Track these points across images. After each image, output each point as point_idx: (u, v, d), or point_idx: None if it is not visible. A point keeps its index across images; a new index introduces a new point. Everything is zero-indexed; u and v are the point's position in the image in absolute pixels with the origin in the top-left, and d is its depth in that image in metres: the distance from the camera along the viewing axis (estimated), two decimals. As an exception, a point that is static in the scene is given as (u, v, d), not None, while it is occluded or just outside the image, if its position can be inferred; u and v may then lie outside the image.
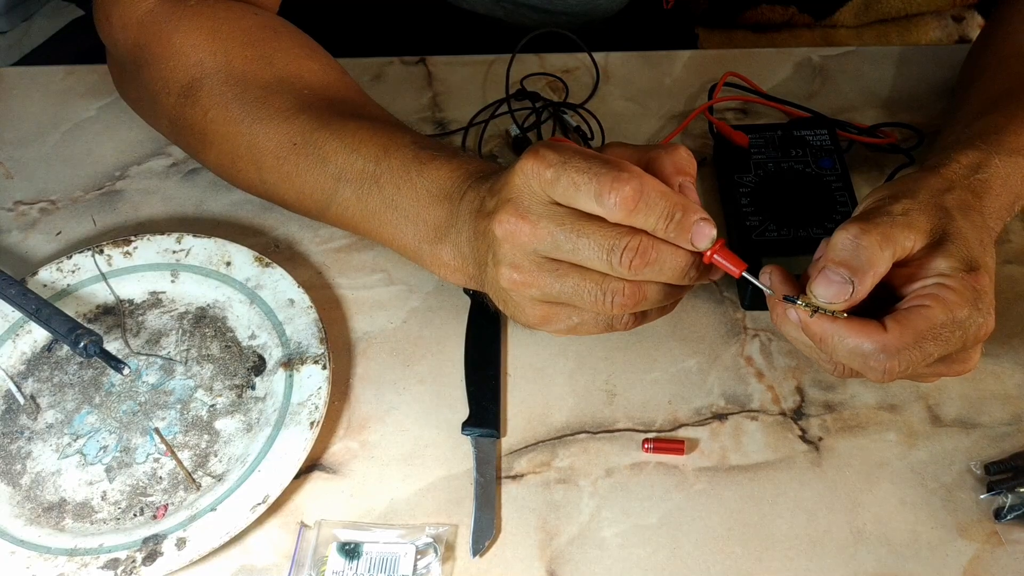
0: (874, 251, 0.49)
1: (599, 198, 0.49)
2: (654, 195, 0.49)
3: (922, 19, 0.96)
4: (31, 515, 0.59)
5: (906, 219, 0.51)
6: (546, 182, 0.50)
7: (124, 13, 0.68)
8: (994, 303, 0.51)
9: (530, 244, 0.51)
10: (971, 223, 0.53)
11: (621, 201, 0.48)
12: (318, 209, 0.65)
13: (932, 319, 0.49)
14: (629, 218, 0.49)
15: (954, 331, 0.49)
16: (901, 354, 0.49)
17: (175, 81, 0.66)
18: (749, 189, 0.70)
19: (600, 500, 0.59)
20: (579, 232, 0.50)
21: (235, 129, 0.65)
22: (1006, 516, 0.56)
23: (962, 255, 0.51)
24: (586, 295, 0.51)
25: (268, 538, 0.58)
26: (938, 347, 0.49)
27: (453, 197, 0.58)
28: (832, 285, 0.49)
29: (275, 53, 0.67)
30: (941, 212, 0.52)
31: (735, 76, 0.78)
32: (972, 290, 0.50)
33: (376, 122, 0.64)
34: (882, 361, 0.49)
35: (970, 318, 0.49)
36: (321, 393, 0.61)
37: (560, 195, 0.50)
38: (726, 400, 0.63)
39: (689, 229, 0.49)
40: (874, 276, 0.49)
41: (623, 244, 0.49)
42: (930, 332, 0.49)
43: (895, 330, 0.49)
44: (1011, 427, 0.61)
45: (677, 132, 0.76)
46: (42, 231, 0.75)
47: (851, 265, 0.49)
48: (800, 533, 0.57)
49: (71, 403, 0.64)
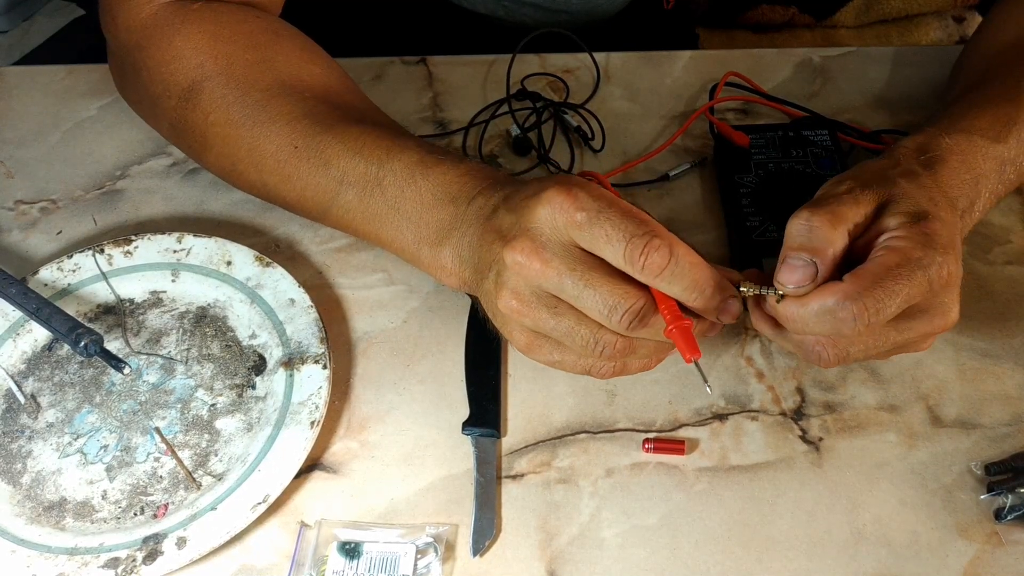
0: (826, 229, 0.50)
1: (630, 258, 0.49)
2: (683, 266, 0.49)
3: (923, 19, 0.96)
4: (32, 514, 0.59)
5: (851, 195, 0.52)
6: (573, 224, 0.50)
7: (128, 15, 0.68)
8: (954, 246, 0.51)
9: (536, 280, 0.51)
10: (917, 184, 0.54)
11: (650, 266, 0.49)
12: (319, 211, 0.65)
13: (887, 263, 0.49)
14: (654, 282, 0.50)
15: (913, 271, 0.49)
16: (864, 296, 0.49)
17: (176, 84, 0.66)
18: (750, 189, 0.70)
19: (600, 500, 0.59)
20: (587, 282, 0.50)
21: (236, 132, 0.65)
22: (1006, 517, 0.56)
23: (907, 209, 0.52)
24: (578, 339, 0.52)
25: (268, 538, 0.58)
26: (900, 286, 0.49)
27: (459, 201, 0.58)
28: (796, 270, 0.50)
29: (276, 56, 0.67)
30: (885, 181, 0.53)
31: (736, 76, 0.78)
32: (922, 234, 0.50)
33: (378, 126, 0.64)
34: (849, 309, 0.49)
35: (926, 257, 0.49)
36: (321, 393, 0.61)
37: (585, 241, 0.50)
38: (726, 400, 0.63)
39: (713, 308, 0.51)
40: (833, 253, 0.50)
41: (627, 306, 0.50)
42: (887, 273, 0.49)
43: (852, 280, 0.49)
44: (1011, 428, 0.61)
45: (679, 134, 0.76)
46: (43, 230, 0.75)
47: (809, 247, 0.50)
48: (800, 533, 0.57)
49: (72, 402, 0.64)
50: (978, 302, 0.66)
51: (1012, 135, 0.60)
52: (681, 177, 0.76)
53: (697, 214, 0.73)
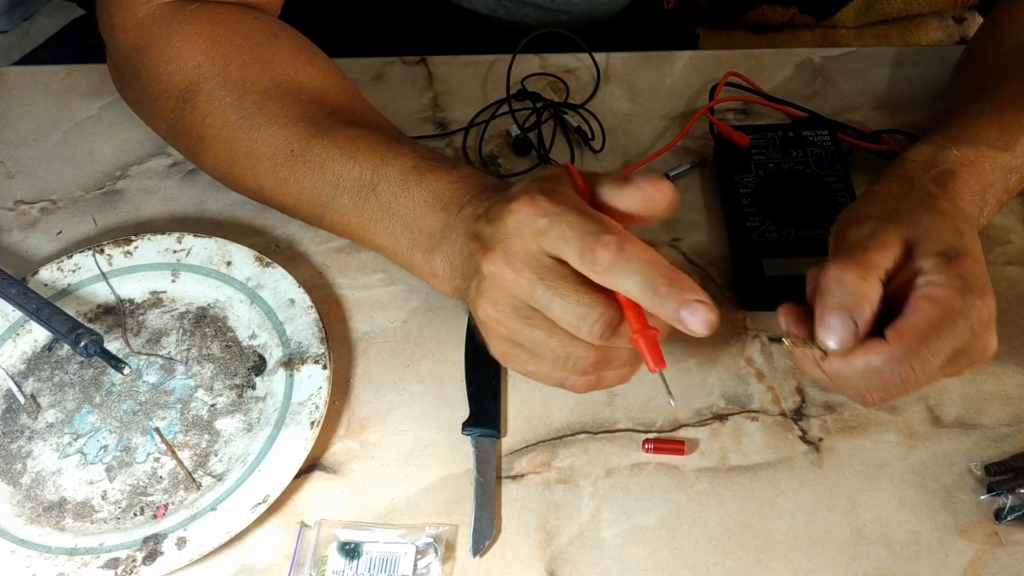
0: (859, 284, 0.50)
1: (580, 255, 0.48)
2: (635, 262, 0.47)
3: (923, 20, 0.96)
4: (31, 514, 0.59)
5: (875, 240, 0.52)
6: (538, 231, 0.49)
7: (125, 15, 0.68)
8: (988, 283, 0.51)
9: (510, 290, 0.51)
10: (939, 214, 0.53)
11: (599, 260, 0.47)
12: (315, 215, 0.65)
13: (929, 317, 0.49)
14: (605, 279, 0.48)
15: (956, 321, 0.49)
16: (910, 358, 0.49)
17: (173, 85, 0.66)
18: (750, 190, 0.70)
19: (600, 500, 0.59)
20: (556, 291, 0.49)
21: (233, 135, 0.65)
22: (1006, 517, 0.56)
23: (938, 248, 0.51)
24: (548, 351, 0.51)
25: (268, 538, 0.58)
26: (945, 341, 0.49)
27: (451, 208, 0.58)
28: (837, 330, 0.49)
29: (274, 58, 0.67)
30: (906, 217, 0.53)
31: (736, 76, 0.78)
32: (958, 278, 0.50)
33: (375, 130, 0.64)
34: (895, 371, 0.49)
35: (967, 303, 0.49)
36: (321, 393, 0.61)
37: (549, 245, 0.49)
38: (726, 400, 0.63)
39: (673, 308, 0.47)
40: (870, 306, 0.50)
41: (595, 314, 0.48)
42: (931, 329, 0.49)
43: (895, 339, 0.49)
44: (1011, 428, 0.61)
45: (680, 136, 0.76)
46: (43, 230, 0.75)
47: (845, 305, 0.49)
48: (800, 534, 0.57)
49: (71, 402, 0.64)
50: (978, 302, 0.66)
51: (1019, 144, 0.60)
52: (681, 177, 0.76)
53: (697, 214, 0.73)
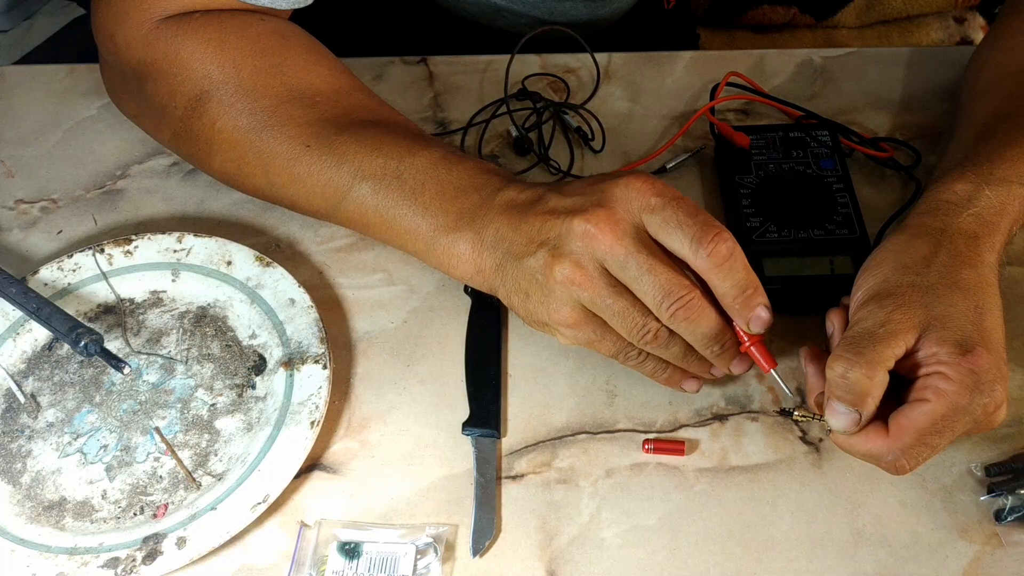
0: (863, 383, 0.51)
1: (696, 243, 0.52)
2: (740, 264, 0.53)
3: (924, 20, 0.96)
4: (31, 514, 0.59)
5: (887, 329, 0.52)
6: (647, 206, 0.53)
7: (128, 34, 0.67)
8: (1002, 372, 0.51)
9: (603, 251, 0.53)
10: (962, 290, 0.53)
11: (715, 254, 0.52)
12: (328, 207, 0.65)
13: (933, 414, 0.51)
14: (711, 272, 0.53)
15: (959, 418, 0.51)
16: (907, 453, 0.52)
17: (183, 95, 0.66)
18: (750, 190, 0.70)
19: (600, 501, 0.59)
20: (649, 266, 0.53)
21: (244, 137, 0.65)
22: (1006, 518, 0.56)
23: (954, 338, 0.52)
24: (629, 321, 0.54)
25: (268, 537, 0.58)
26: (944, 438, 0.51)
27: (485, 190, 0.60)
28: (840, 418, 0.52)
29: (284, 62, 0.67)
30: (927, 296, 0.53)
31: (737, 76, 0.78)
32: (970, 374, 0.50)
33: (395, 126, 0.66)
34: (891, 462, 0.52)
35: (973, 402, 0.51)
36: (321, 393, 0.61)
37: (654, 224, 0.53)
38: (726, 401, 0.63)
39: (752, 309, 0.54)
40: (874, 401, 0.52)
41: (678, 293, 0.53)
42: (932, 427, 0.51)
43: (896, 431, 0.52)
44: (1012, 429, 0.61)
45: (679, 134, 0.76)
46: (43, 230, 0.75)
47: (849, 399, 0.52)
48: (800, 534, 0.57)
49: (71, 402, 0.64)
50: (979, 303, 0.66)
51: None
52: (679, 169, 0.76)
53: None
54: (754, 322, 0.55)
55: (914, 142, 0.76)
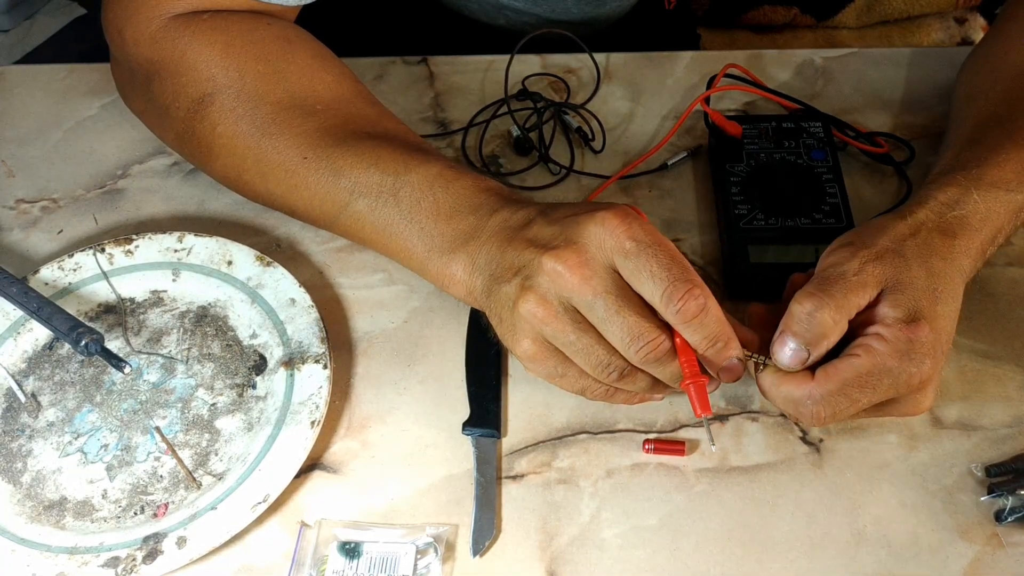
0: (827, 324, 0.52)
1: (667, 298, 0.51)
2: (711, 319, 0.52)
3: (924, 21, 0.96)
4: (32, 513, 0.59)
5: (859, 278, 0.53)
6: (621, 250, 0.52)
7: (136, 30, 0.67)
8: (937, 352, 0.52)
9: (569, 291, 0.52)
10: (927, 270, 0.54)
11: (684, 312, 0.51)
12: (327, 220, 0.65)
13: (858, 368, 0.52)
14: (681, 327, 0.52)
15: (881, 379, 0.52)
16: (826, 400, 0.52)
17: (186, 96, 0.66)
18: (740, 178, 0.70)
19: (600, 501, 0.59)
20: (618, 309, 0.52)
21: (243, 143, 0.65)
22: (1007, 518, 0.56)
23: (907, 304, 0.53)
24: (593, 358, 0.53)
25: (268, 537, 0.58)
26: (864, 394, 0.52)
27: (481, 212, 0.59)
28: (788, 354, 0.53)
29: (288, 67, 0.67)
30: (898, 260, 0.54)
31: (735, 68, 0.78)
32: (906, 341, 0.52)
33: (394, 139, 0.65)
34: (808, 407, 0.53)
35: (899, 368, 0.52)
36: (322, 392, 0.61)
37: (626, 269, 0.52)
38: (727, 401, 0.63)
39: (723, 361, 0.53)
40: (827, 344, 0.53)
41: (648, 337, 0.52)
42: (855, 380, 0.52)
43: (821, 379, 0.52)
44: (1012, 429, 0.61)
45: (677, 126, 0.76)
46: (44, 229, 0.75)
47: (806, 337, 0.52)
48: (800, 535, 0.57)
49: (72, 401, 0.64)
50: (979, 304, 0.66)
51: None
52: (680, 172, 0.75)
53: (695, 215, 0.73)
54: (724, 373, 0.54)
55: (915, 143, 0.76)
